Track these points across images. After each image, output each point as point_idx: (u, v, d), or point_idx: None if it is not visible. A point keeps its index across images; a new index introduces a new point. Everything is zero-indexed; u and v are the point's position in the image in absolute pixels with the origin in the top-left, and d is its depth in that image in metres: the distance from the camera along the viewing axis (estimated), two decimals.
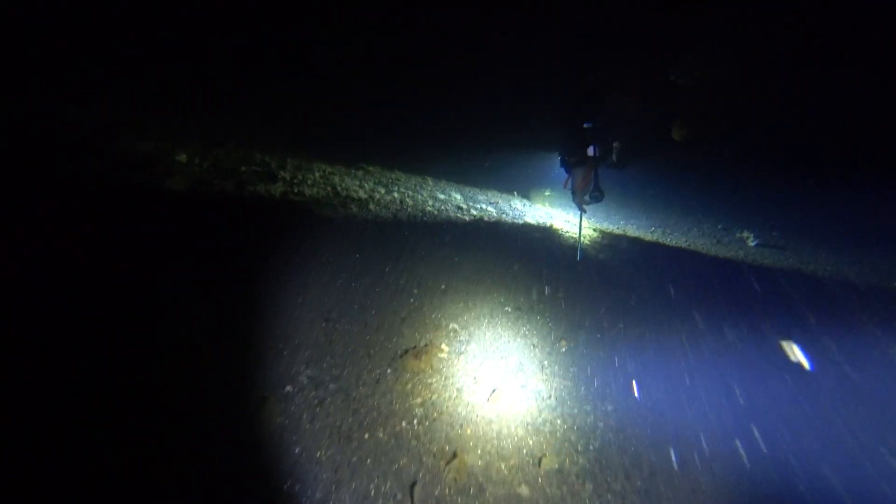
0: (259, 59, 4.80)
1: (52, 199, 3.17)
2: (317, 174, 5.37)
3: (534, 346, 3.00)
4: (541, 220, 5.29)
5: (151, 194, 3.71)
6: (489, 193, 5.87)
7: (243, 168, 5.10)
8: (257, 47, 4.75)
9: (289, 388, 2.21)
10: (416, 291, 3.33)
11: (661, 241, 5.47)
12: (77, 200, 3.23)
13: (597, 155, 4.61)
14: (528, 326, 3.19)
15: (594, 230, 5.46)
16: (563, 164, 4.96)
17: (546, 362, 2.87)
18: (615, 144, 4.66)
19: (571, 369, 2.83)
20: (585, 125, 4.67)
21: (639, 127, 4.70)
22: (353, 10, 4.59)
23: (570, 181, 5.16)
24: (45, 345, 2.08)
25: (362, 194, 4.99)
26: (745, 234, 5.81)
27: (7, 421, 1.79)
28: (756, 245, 5.66)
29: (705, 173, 6.95)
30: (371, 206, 4.65)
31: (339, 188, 4.95)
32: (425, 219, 4.60)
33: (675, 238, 5.59)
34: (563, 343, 3.07)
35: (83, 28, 4.48)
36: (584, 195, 4.72)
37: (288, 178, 5.02)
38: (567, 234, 4.96)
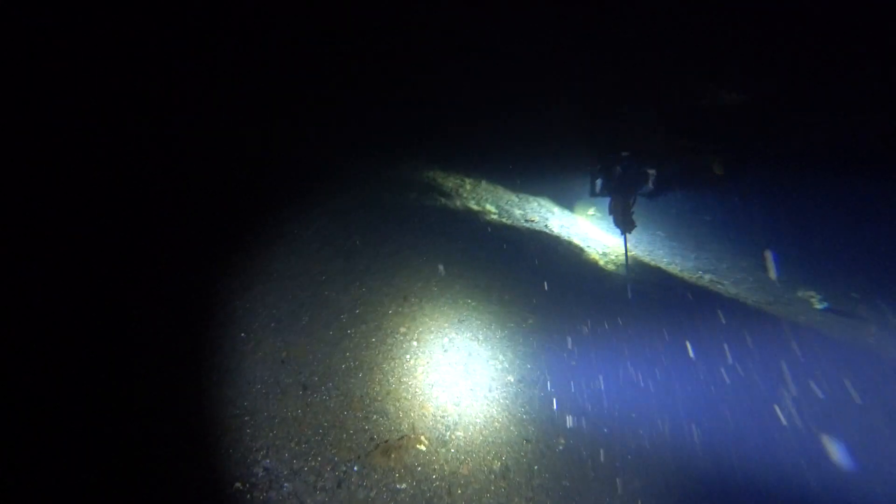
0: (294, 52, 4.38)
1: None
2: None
3: (527, 441, 2.70)
4: (575, 247, 4.80)
5: None
6: (528, 206, 5.39)
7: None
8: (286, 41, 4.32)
9: (238, 485, 2.04)
10: (415, 346, 3.06)
11: (707, 286, 4.89)
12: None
13: (631, 182, 4.26)
14: (527, 407, 2.88)
15: (630, 264, 4.93)
16: (601, 189, 4.54)
17: (537, 467, 2.58)
18: (651, 171, 4.24)
19: (563, 483, 2.54)
20: (623, 154, 4.25)
21: (673, 156, 4.29)
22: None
23: (611, 206, 4.70)
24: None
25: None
26: (811, 294, 5.11)
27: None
28: (824, 310, 4.95)
29: (773, 205, 6.08)
30: (397, 216, 4.31)
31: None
32: (449, 239, 4.23)
33: (724, 287, 4.98)
34: (562, 441, 2.76)
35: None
36: (625, 219, 4.36)
37: None
38: (601, 268, 4.48)
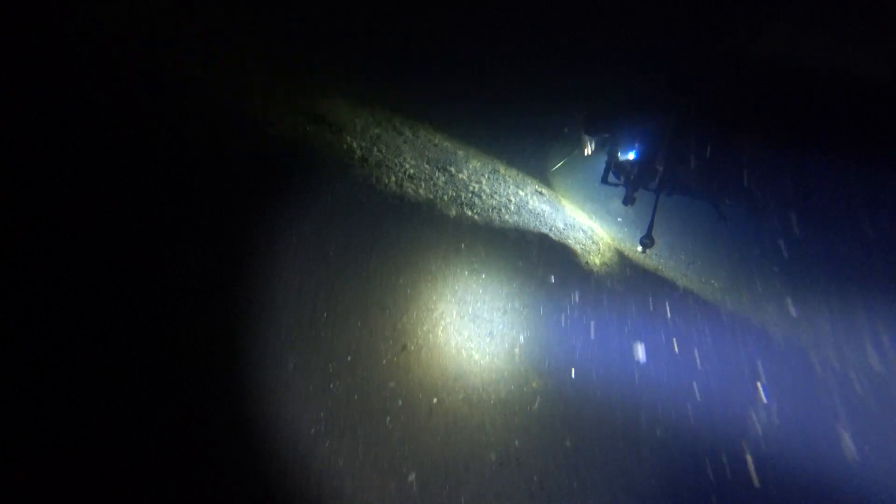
0: None
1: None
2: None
3: None
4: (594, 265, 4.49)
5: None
6: (572, 234, 5.07)
7: (396, 179, 4.10)
8: None
9: None
10: (398, 406, 3.15)
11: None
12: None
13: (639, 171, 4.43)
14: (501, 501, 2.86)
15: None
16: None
17: None
18: (659, 168, 4.37)
19: None
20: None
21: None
22: None
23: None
24: None
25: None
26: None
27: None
28: None
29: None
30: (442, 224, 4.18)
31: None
32: (475, 272, 4.10)
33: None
34: None
35: None
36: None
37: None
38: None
